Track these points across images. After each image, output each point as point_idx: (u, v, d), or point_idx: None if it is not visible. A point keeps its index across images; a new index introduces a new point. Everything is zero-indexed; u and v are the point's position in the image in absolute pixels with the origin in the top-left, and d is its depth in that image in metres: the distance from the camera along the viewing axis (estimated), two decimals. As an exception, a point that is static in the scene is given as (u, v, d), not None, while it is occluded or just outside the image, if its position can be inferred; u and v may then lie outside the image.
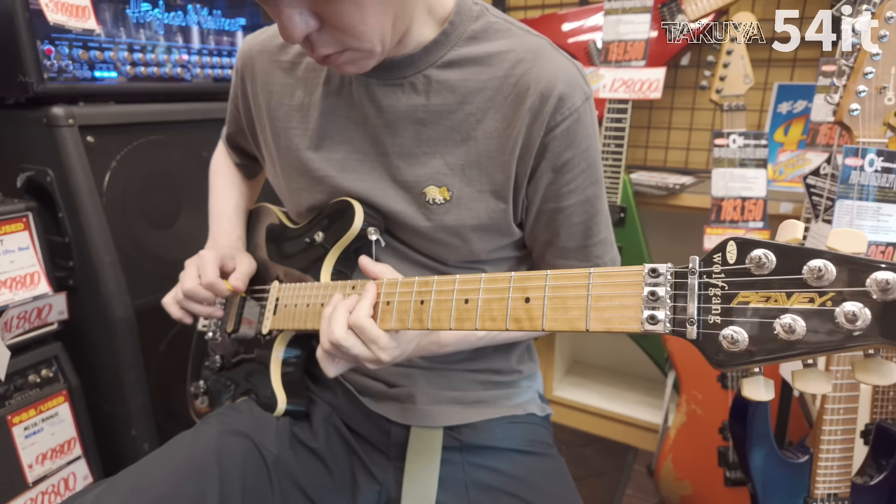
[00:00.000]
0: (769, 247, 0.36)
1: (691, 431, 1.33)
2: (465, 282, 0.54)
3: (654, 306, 0.41)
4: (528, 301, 0.49)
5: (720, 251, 0.39)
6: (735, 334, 0.37)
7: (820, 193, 0.98)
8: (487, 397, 0.81)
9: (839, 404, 0.92)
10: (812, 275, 0.35)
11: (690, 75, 1.68)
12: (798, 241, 0.37)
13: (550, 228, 0.73)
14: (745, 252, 0.37)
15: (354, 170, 0.74)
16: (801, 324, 0.35)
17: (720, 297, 0.39)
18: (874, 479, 0.96)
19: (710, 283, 0.39)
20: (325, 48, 0.59)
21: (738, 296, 0.38)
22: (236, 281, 0.80)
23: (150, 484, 0.64)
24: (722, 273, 0.39)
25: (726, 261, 0.38)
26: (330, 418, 0.81)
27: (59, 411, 1.14)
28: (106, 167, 1.15)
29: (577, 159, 0.69)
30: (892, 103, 0.87)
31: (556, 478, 0.77)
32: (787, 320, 0.35)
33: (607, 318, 0.44)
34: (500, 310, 0.50)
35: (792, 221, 0.37)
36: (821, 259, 0.34)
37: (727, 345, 0.37)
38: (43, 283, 1.09)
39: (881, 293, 0.32)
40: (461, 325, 0.53)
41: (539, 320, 0.48)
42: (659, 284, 0.41)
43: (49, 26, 1.06)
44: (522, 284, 0.50)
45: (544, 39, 0.70)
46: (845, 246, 0.35)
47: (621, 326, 0.43)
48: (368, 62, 0.63)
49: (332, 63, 0.62)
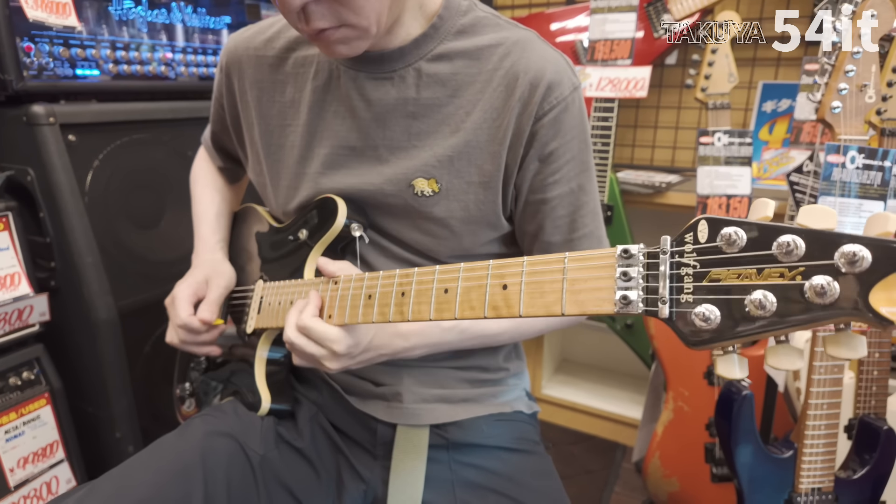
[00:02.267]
0: (740, 224, 0.37)
1: (678, 428, 1.33)
2: (445, 271, 0.54)
3: (627, 286, 0.41)
4: (506, 288, 0.49)
5: (692, 230, 0.39)
6: (707, 312, 0.37)
7: (803, 190, 0.99)
8: (474, 395, 0.81)
9: (823, 399, 0.93)
10: (781, 250, 0.34)
11: (677, 74, 1.69)
12: (769, 219, 0.37)
13: (536, 220, 0.73)
14: (716, 230, 0.37)
15: (343, 164, 0.73)
16: (772, 299, 0.35)
17: (692, 275, 0.38)
18: (857, 472, 0.97)
19: (681, 262, 0.39)
20: (321, 21, 0.58)
21: (709, 274, 0.38)
22: (203, 313, 0.78)
23: (133, 487, 0.63)
24: (693, 252, 0.39)
25: (698, 240, 0.38)
26: (315, 417, 0.81)
27: (40, 414, 1.12)
28: (88, 166, 1.13)
29: (563, 149, 0.69)
30: (872, 101, 0.88)
31: (542, 475, 0.77)
32: (758, 296, 0.35)
33: (582, 300, 0.44)
34: (479, 298, 0.50)
35: (763, 200, 0.38)
36: (790, 234, 0.34)
37: (700, 322, 0.37)
38: (24, 284, 1.07)
39: (849, 266, 0.32)
40: (441, 314, 0.53)
41: (516, 306, 0.48)
42: (631, 265, 0.41)
43: (29, 23, 1.04)
44: (500, 271, 0.50)
45: (532, 32, 0.71)
46: (815, 222, 0.35)
47: (595, 308, 0.43)
48: (361, 43, 0.63)
49: (325, 40, 0.61)
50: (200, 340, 0.79)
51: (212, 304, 0.80)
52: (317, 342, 0.63)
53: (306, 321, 0.63)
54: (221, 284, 0.82)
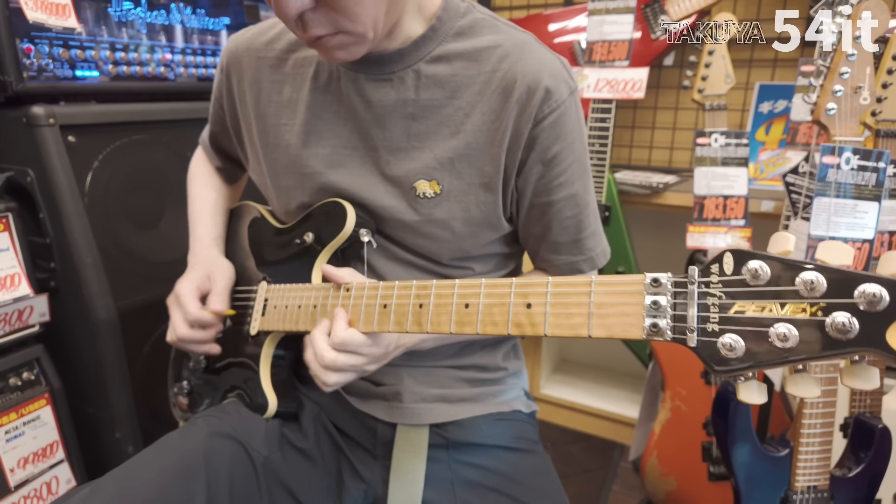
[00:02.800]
0: (764, 259, 0.38)
1: (676, 428, 1.34)
2: (465, 286, 0.54)
3: (656, 315, 0.43)
4: (530, 307, 0.50)
5: (717, 262, 0.40)
6: (733, 342, 0.39)
7: (799, 191, 1.00)
8: (473, 395, 0.82)
9: (818, 398, 0.94)
10: (805, 287, 0.36)
11: (674, 75, 1.70)
12: (789, 253, 0.39)
13: (542, 222, 0.74)
14: (741, 263, 0.39)
15: (343, 165, 0.74)
16: (795, 332, 0.37)
17: (718, 306, 0.40)
18: (852, 471, 0.98)
19: (708, 292, 0.41)
20: (318, 28, 0.59)
21: (735, 305, 0.39)
22: (215, 304, 0.79)
23: (136, 487, 0.64)
24: (719, 283, 0.40)
25: (723, 271, 0.40)
26: (319, 417, 0.81)
27: (41, 414, 1.13)
28: (88, 167, 1.13)
29: (566, 152, 0.70)
30: (867, 103, 0.89)
31: (541, 474, 0.78)
32: (782, 329, 0.37)
33: (609, 324, 0.45)
34: (502, 314, 0.51)
35: (783, 234, 0.39)
36: (813, 272, 0.36)
37: (725, 352, 0.39)
38: (24, 285, 1.08)
39: (868, 305, 0.34)
40: (462, 329, 0.54)
41: (541, 326, 0.49)
42: (660, 294, 0.43)
43: (29, 24, 1.05)
44: (524, 290, 0.51)
45: (530, 35, 0.71)
46: (833, 258, 0.37)
47: (623, 333, 0.45)
48: (359, 49, 0.63)
49: (323, 46, 0.62)
50: (202, 338, 0.79)
51: (221, 295, 0.80)
52: (357, 353, 0.63)
53: (343, 336, 0.62)
54: (225, 275, 0.82)
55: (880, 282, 0.34)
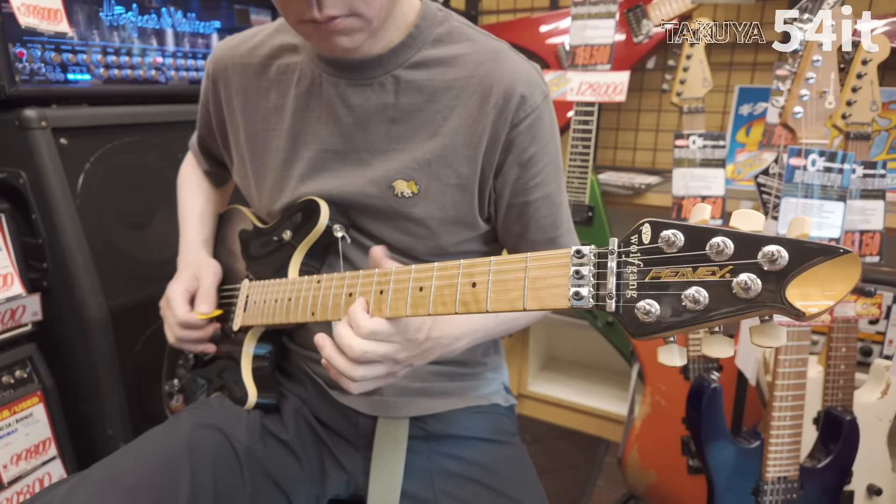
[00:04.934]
0: (678, 227, 0.41)
1: (656, 422, 1.37)
2: (420, 270, 0.58)
3: (580, 284, 0.46)
4: (475, 286, 0.53)
5: (637, 232, 0.43)
6: (648, 306, 0.41)
7: (769, 192, 1.03)
8: (453, 388, 0.84)
9: (787, 391, 0.97)
10: (713, 250, 0.39)
11: (657, 78, 1.73)
12: (705, 222, 0.41)
13: (520, 221, 0.77)
14: (658, 232, 0.41)
15: (326, 168, 0.77)
16: (704, 294, 0.39)
17: (636, 273, 0.43)
18: (822, 461, 1.01)
19: (627, 261, 0.43)
20: (334, 8, 0.61)
21: (651, 272, 0.42)
22: (201, 306, 0.81)
23: (122, 475, 0.66)
24: (638, 252, 0.43)
25: (642, 241, 0.43)
26: (300, 411, 0.84)
27: (33, 412, 1.14)
28: (80, 169, 1.16)
29: (541, 154, 0.73)
30: (832, 107, 0.92)
31: (517, 464, 0.80)
32: (692, 292, 0.39)
33: (541, 296, 0.48)
34: (451, 295, 0.54)
35: (701, 205, 0.42)
36: (721, 236, 0.39)
37: (642, 316, 0.41)
38: (16, 285, 1.10)
39: (770, 264, 0.37)
40: (416, 311, 0.57)
41: (484, 303, 0.52)
42: (584, 264, 0.46)
43: (21, 29, 1.07)
44: (470, 270, 0.54)
45: (503, 43, 0.75)
46: (745, 224, 0.39)
47: (552, 303, 0.47)
48: (360, 36, 0.65)
49: (331, 30, 0.63)
50: (197, 337, 0.82)
51: (207, 295, 0.82)
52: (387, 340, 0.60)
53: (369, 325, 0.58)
54: (210, 274, 0.85)
55: (781, 242, 0.37)
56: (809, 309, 0.36)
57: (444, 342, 0.67)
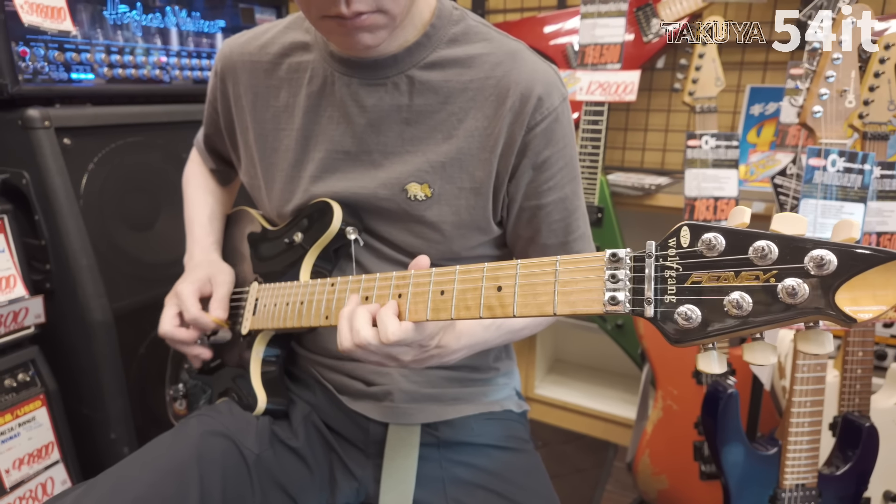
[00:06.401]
0: (719, 230, 0.39)
1: (667, 427, 1.35)
2: (441, 273, 0.56)
3: (615, 288, 0.44)
4: (500, 289, 0.51)
5: (675, 236, 0.41)
6: (689, 312, 0.39)
7: (787, 193, 1.01)
8: (464, 394, 0.83)
9: (806, 397, 0.95)
10: (756, 254, 0.37)
11: (666, 78, 1.71)
12: (745, 225, 0.39)
13: (532, 225, 0.75)
14: (697, 236, 0.40)
15: (338, 168, 0.75)
16: (748, 299, 0.37)
17: (675, 278, 0.41)
18: (840, 468, 0.99)
19: (665, 265, 0.41)
20: (361, 4, 0.59)
21: (691, 276, 0.40)
22: (216, 311, 0.80)
23: (129, 485, 0.64)
24: (676, 256, 0.41)
25: (680, 244, 0.41)
26: (309, 417, 0.82)
27: (36, 416, 1.13)
28: (83, 169, 1.14)
29: (556, 157, 0.71)
30: (852, 106, 0.90)
31: (531, 473, 0.79)
32: (736, 297, 0.37)
33: (573, 301, 0.46)
34: (475, 299, 0.52)
35: (741, 207, 0.40)
36: (764, 240, 0.37)
37: (682, 322, 0.40)
38: (19, 287, 1.08)
39: (817, 269, 0.35)
40: (437, 315, 0.55)
41: (510, 307, 0.50)
42: (619, 268, 0.44)
43: (24, 28, 1.05)
44: (495, 273, 0.52)
45: (521, 43, 0.73)
46: (787, 228, 0.37)
47: (585, 308, 0.45)
48: (383, 34, 0.64)
49: (357, 25, 0.61)
50: (188, 337, 0.81)
51: (222, 301, 0.81)
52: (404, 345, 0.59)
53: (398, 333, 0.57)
54: (227, 281, 0.83)
55: (828, 246, 0.35)
56: (860, 315, 0.34)
57: (445, 353, 0.66)
